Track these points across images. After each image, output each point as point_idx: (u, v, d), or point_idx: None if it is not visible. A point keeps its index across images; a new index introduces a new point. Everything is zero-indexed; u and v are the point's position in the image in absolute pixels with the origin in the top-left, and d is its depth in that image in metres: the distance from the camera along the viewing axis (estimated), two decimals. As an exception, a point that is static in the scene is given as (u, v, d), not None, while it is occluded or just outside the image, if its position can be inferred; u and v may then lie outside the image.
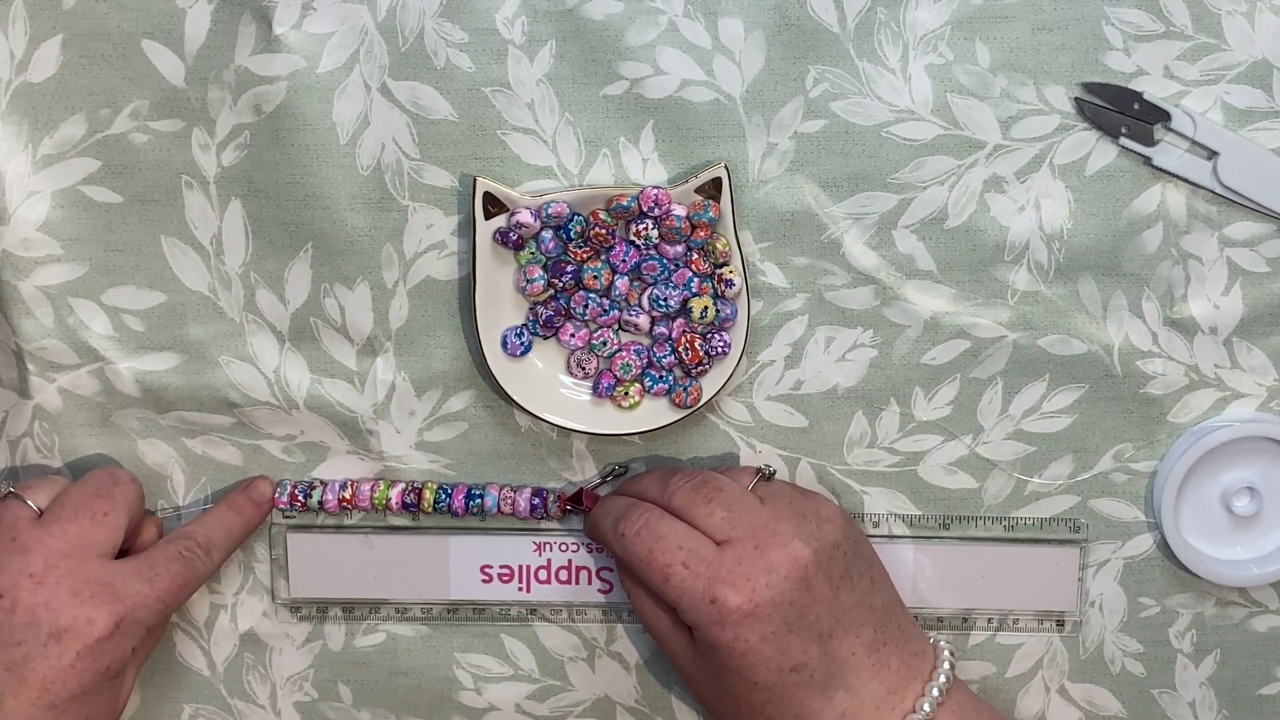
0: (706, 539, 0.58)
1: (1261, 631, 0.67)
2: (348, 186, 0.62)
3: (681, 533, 0.58)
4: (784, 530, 0.58)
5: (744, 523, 0.58)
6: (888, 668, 0.58)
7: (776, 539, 0.58)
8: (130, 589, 0.58)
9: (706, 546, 0.58)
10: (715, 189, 0.61)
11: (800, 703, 0.57)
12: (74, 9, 0.61)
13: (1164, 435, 0.65)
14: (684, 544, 0.58)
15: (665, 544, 0.58)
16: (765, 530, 0.58)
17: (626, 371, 0.63)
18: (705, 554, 0.57)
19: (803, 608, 0.57)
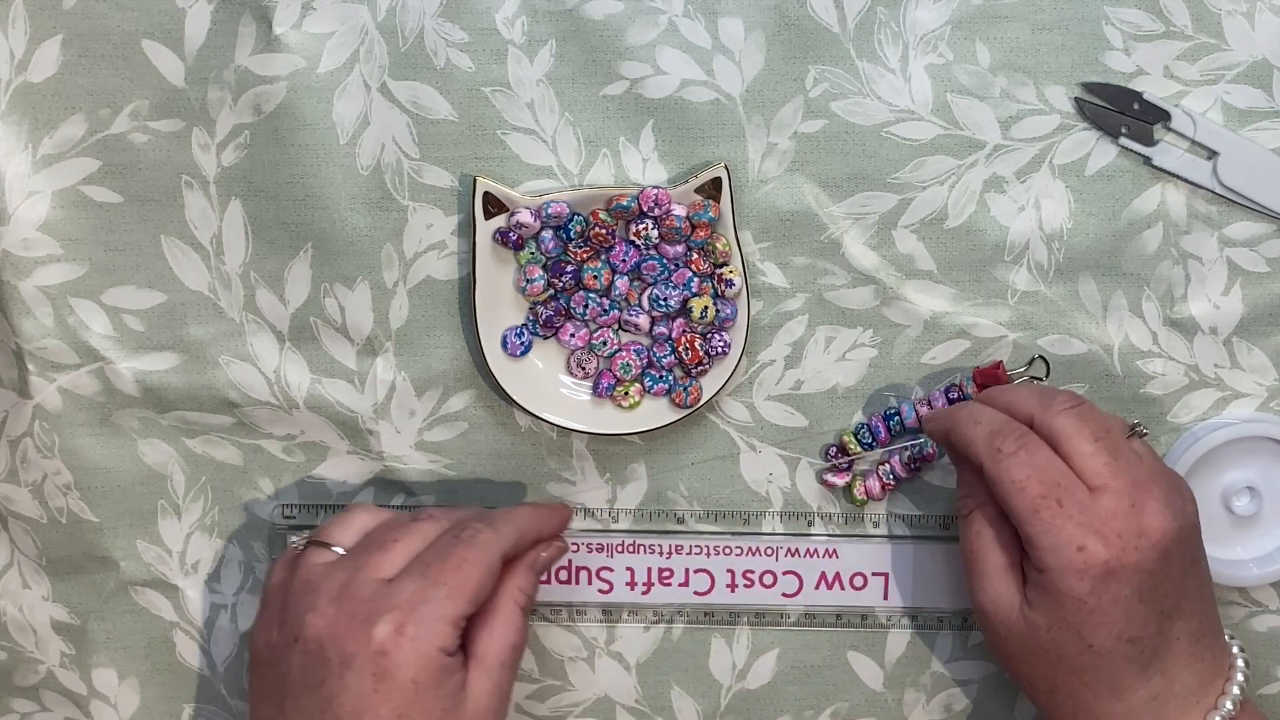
0: (1080, 481, 0.55)
1: (1261, 631, 0.67)
2: (348, 186, 0.62)
3: (1060, 468, 0.55)
4: (1158, 496, 0.55)
5: (1125, 475, 0.55)
6: (1202, 660, 0.57)
7: (1153, 503, 0.55)
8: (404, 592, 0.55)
9: (1081, 490, 0.55)
10: (715, 189, 0.61)
11: (1121, 676, 0.55)
12: (74, 9, 0.61)
13: (1164, 435, 0.65)
14: (1061, 480, 0.55)
15: (1044, 475, 0.55)
16: (1143, 490, 0.55)
17: (626, 371, 0.63)
18: (1081, 498, 0.55)
19: (1158, 581, 0.55)
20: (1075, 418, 0.56)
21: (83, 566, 0.66)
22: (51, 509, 0.66)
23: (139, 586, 0.67)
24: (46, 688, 0.68)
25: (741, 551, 0.66)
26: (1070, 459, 0.55)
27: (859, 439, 0.64)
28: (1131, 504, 0.55)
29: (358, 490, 0.66)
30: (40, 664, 0.68)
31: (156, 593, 0.67)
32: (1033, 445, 0.56)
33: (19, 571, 0.67)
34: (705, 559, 0.66)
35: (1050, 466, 0.55)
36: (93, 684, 0.68)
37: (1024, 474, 0.55)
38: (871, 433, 0.64)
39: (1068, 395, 0.57)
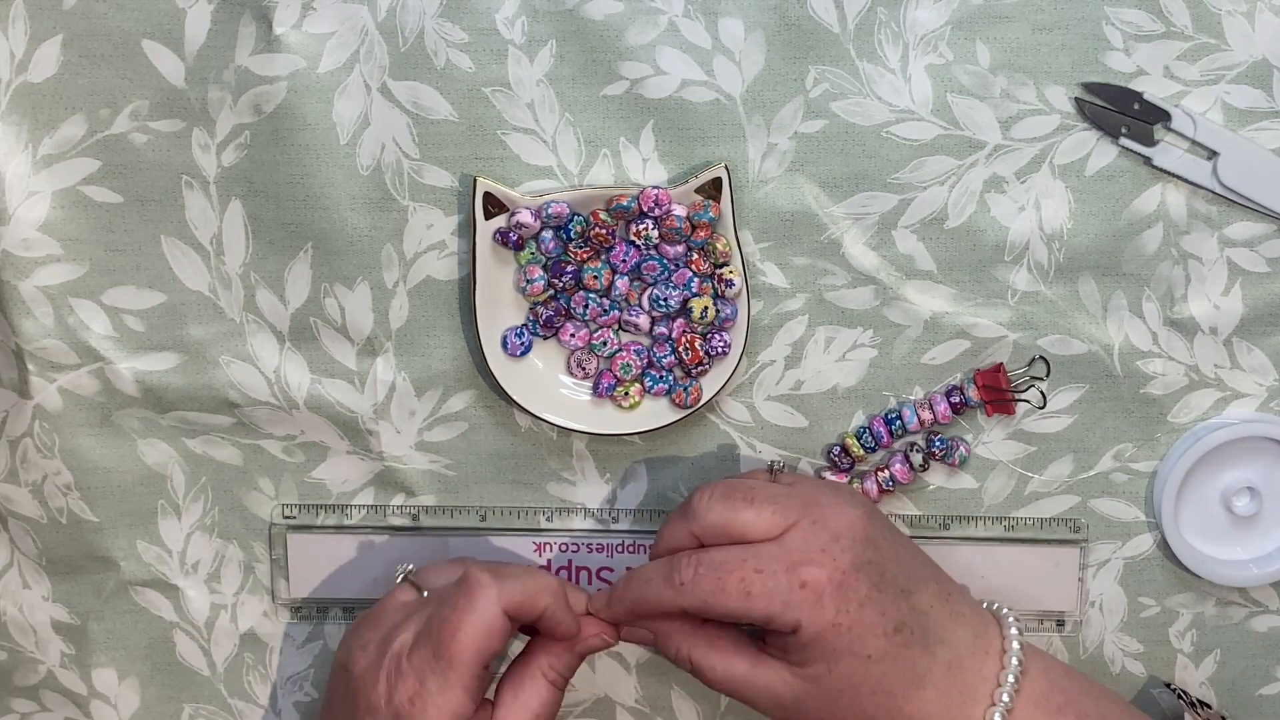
0: (764, 543, 0.56)
1: (1261, 631, 0.67)
2: (348, 186, 0.62)
3: (738, 551, 0.56)
4: (830, 499, 0.57)
5: (792, 507, 0.57)
6: (963, 615, 0.58)
7: (830, 507, 0.57)
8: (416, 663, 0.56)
9: (767, 547, 0.56)
10: (715, 189, 0.61)
11: (912, 664, 0.56)
12: (74, 9, 0.61)
13: (1164, 435, 0.65)
14: (745, 555, 0.56)
15: (728, 565, 0.56)
16: (813, 505, 0.57)
17: (626, 371, 0.63)
18: (771, 552, 0.56)
19: (880, 565, 0.56)
20: (720, 500, 0.57)
21: (83, 566, 0.66)
22: (51, 509, 0.66)
23: (139, 586, 0.67)
24: (46, 688, 0.68)
25: (741, 551, 0.66)
26: (745, 535, 0.57)
27: (861, 442, 0.64)
28: (814, 521, 0.56)
29: (358, 490, 0.66)
30: (40, 664, 0.68)
31: (156, 593, 0.67)
32: (702, 555, 0.57)
33: (19, 571, 0.67)
34: (705, 559, 0.66)
35: (729, 556, 0.56)
36: (93, 684, 0.68)
37: (714, 580, 0.56)
38: (873, 436, 0.64)
39: (702, 492, 0.58)
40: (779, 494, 0.57)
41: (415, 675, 0.56)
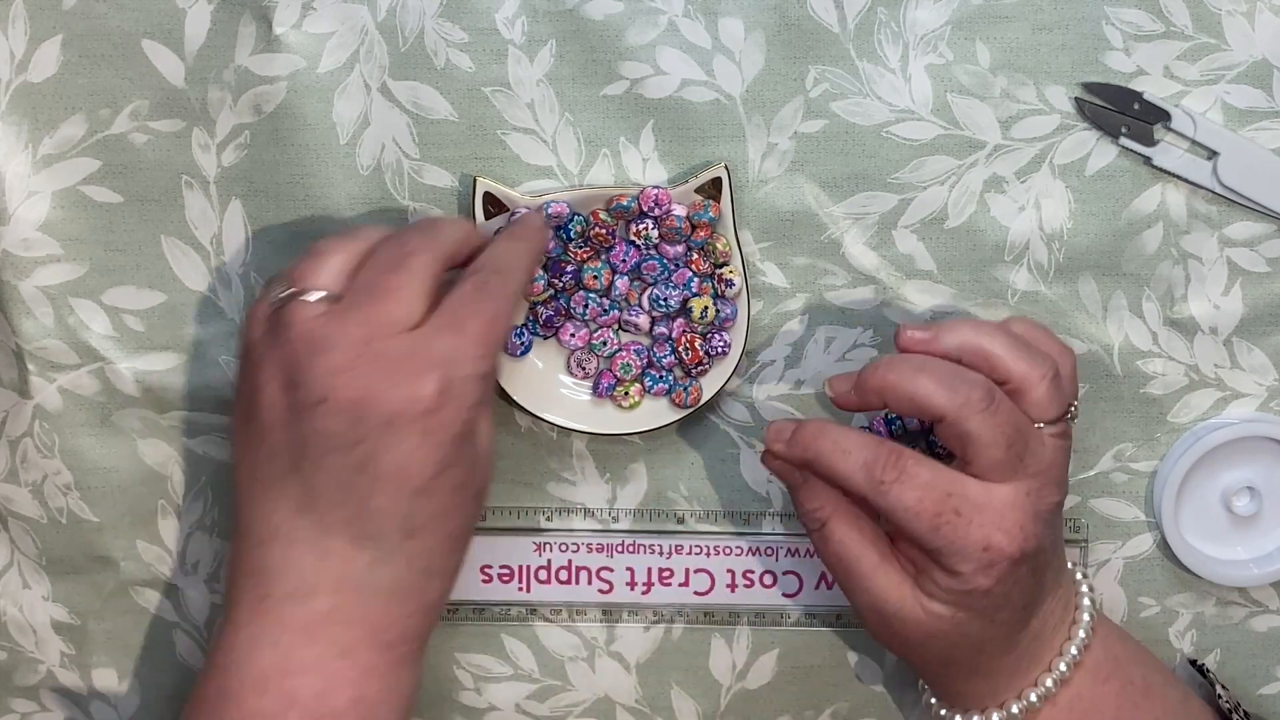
0: (971, 479, 0.54)
1: (1261, 631, 0.67)
2: (348, 186, 0.62)
3: (947, 478, 0.54)
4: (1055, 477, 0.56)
5: (1028, 471, 0.55)
6: (1059, 588, 0.59)
7: (1050, 487, 0.55)
8: (441, 347, 0.52)
9: (975, 488, 0.54)
10: (715, 189, 0.61)
11: (1016, 631, 0.57)
12: (74, 9, 0.61)
13: (1164, 435, 0.65)
14: (953, 490, 0.54)
15: (934, 491, 0.54)
16: (1043, 477, 0.55)
17: (626, 371, 0.63)
18: (976, 498, 0.54)
19: (1043, 552, 0.56)
20: (990, 424, 0.54)
21: (83, 566, 0.66)
22: (51, 509, 0.66)
23: (139, 586, 0.67)
24: (46, 688, 0.68)
25: (741, 551, 0.66)
26: (974, 460, 0.54)
27: None
28: (1027, 493, 0.55)
29: (358, 490, 0.66)
30: (40, 664, 0.68)
31: (156, 593, 0.67)
32: (911, 465, 0.54)
33: (19, 571, 0.67)
34: (705, 559, 0.66)
35: (936, 480, 0.54)
36: (93, 684, 0.68)
37: (914, 498, 0.54)
38: None
39: (981, 391, 0.54)
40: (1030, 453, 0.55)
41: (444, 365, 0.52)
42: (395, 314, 0.52)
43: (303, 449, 0.52)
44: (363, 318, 0.52)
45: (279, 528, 0.53)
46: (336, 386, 0.51)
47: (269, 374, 0.53)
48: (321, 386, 0.51)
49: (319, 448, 0.52)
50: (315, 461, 0.52)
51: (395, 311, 0.52)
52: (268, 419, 0.53)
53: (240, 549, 0.54)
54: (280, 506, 0.53)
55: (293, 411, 0.52)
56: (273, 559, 0.53)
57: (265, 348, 0.53)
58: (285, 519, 0.53)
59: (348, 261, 0.54)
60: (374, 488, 0.52)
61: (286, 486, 0.53)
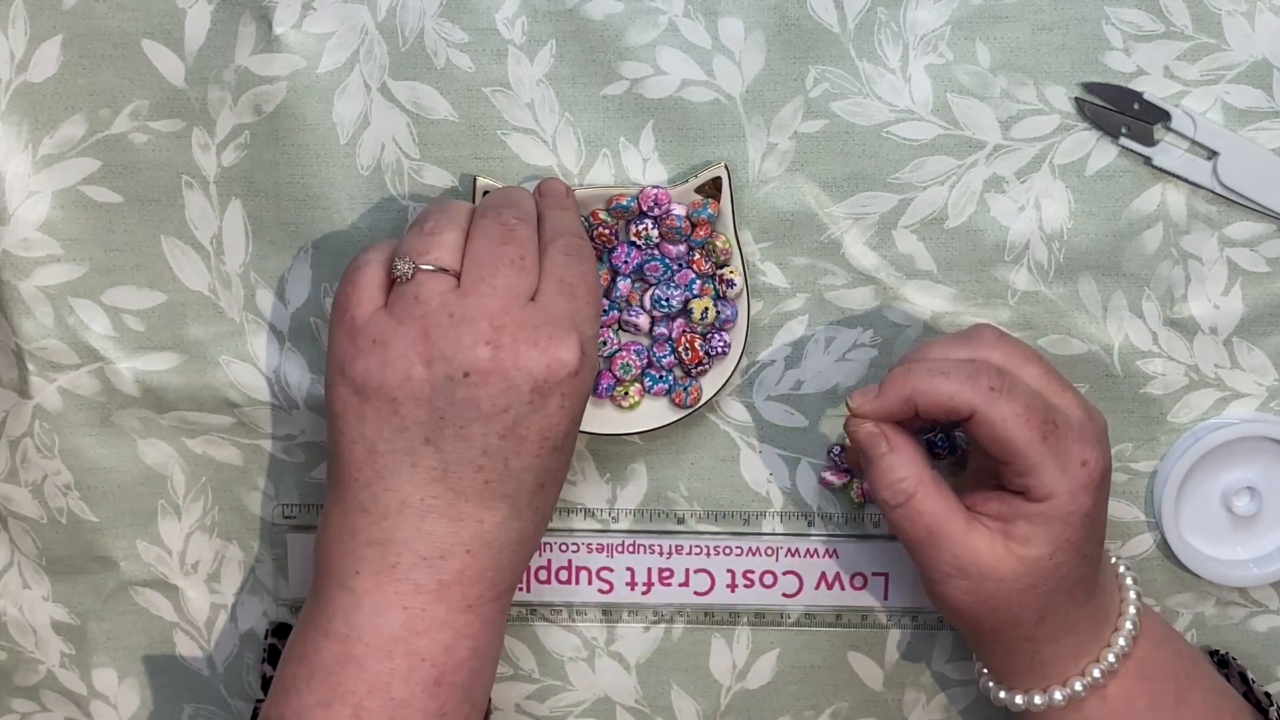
0: (1052, 402, 0.56)
1: (1261, 631, 0.67)
2: (348, 186, 0.62)
3: (1041, 388, 0.56)
4: (1081, 397, 0.58)
5: (1066, 385, 0.58)
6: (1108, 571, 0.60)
7: (1090, 405, 0.58)
8: (564, 312, 0.55)
9: (1061, 398, 0.57)
10: (715, 189, 0.61)
11: (1094, 573, 0.58)
12: (74, 9, 0.61)
13: (1164, 435, 0.65)
14: (1048, 403, 0.56)
15: (1035, 401, 0.55)
16: (1083, 398, 0.58)
17: (626, 371, 0.63)
18: (1073, 416, 0.56)
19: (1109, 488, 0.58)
20: (1006, 345, 0.57)
21: (83, 566, 0.67)
22: (51, 509, 0.66)
23: (139, 586, 0.67)
24: (46, 688, 0.68)
25: (741, 551, 0.66)
26: (1047, 388, 0.57)
27: None
28: (1091, 418, 0.57)
29: (358, 490, 0.66)
30: (40, 664, 0.68)
31: (156, 593, 0.67)
32: (1012, 378, 0.56)
33: (19, 571, 0.67)
34: (705, 559, 0.66)
35: (1035, 394, 0.56)
36: (93, 684, 0.68)
37: (1022, 404, 0.55)
38: None
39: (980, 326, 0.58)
40: (1057, 371, 0.58)
41: (579, 329, 0.55)
42: (520, 285, 0.55)
43: (442, 420, 0.54)
44: (492, 290, 0.54)
45: (409, 499, 0.54)
46: (483, 358, 0.53)
47: (403, 349, 0.54)
48: (468, 358, 0.53)
49: (463, 417, 0.53)
50: (457, 431, 0.54)
51: (520, 283, 0.55)
52: (403, 393, 0.54)
53: (359, 523, 0.55)
54: (412, 478, 0.54)
55: (434, 386, 0.53)
56: (403, 530, 0.54)
57: (397, 323, 0.54)
58: (416, 489, 0.54)
59: (459, 238, 0.56)
60: (518, 450, 0.54)
61: (419, 457, 0.54)
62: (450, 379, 0.53)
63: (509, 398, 0.53)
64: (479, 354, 0.53)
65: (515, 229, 0.56)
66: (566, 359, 0.54)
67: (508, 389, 0.53)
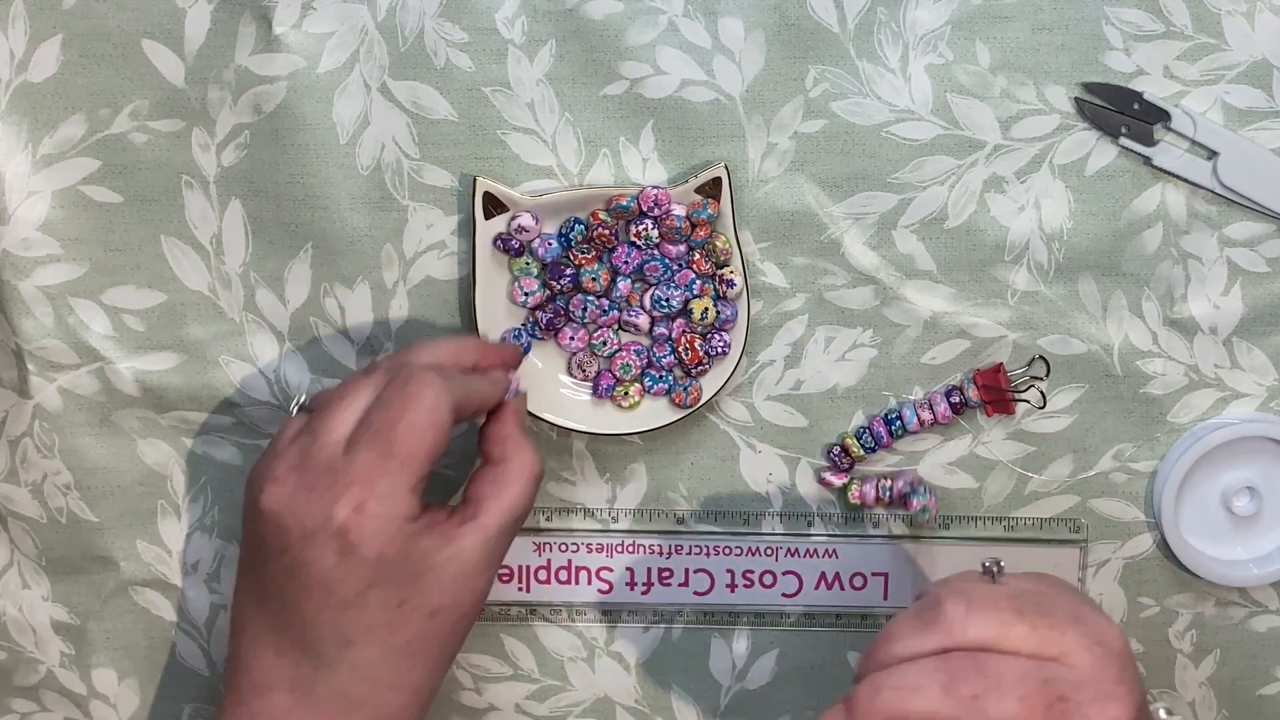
0: (1046, 661, 0.48)
1: (1261, 631, 0.67)
2: (348, 186, 0.62)
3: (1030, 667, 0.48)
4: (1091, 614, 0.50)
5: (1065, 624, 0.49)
6: None
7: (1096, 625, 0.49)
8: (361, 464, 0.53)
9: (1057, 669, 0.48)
10: (715, 189, 0.61)
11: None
12: (74, 9, 0.61)
13: (1164, 435, 0.65)
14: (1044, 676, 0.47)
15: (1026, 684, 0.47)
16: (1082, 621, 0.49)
17: (626, 372, 0.63)
18: (1070, 677, 0.48)
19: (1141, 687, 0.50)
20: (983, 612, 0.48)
21: (83, 566, 0.66)
22: (51, 509, 0.66)
23: (139, 586, 0.67)
24: (46, 688, 0.68)
25: (741, 551, 0.66)
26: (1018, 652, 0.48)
27: (860, 442, 0.64)
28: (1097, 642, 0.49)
29: (358, 490, 0.66)
30: (40, 664, 0.68)
31: (156, 593, 0.67)
32: (992, 666, 0.47)
33: (19, 571, 0.67)
34: (705, 559, 0.66)
35: (1022, 672, 0.47)
36: (93, 684, 0.68)
37: (1016, 699, 0.47)
38: (873, 436, 0.64)
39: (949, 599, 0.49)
40: (1046, 607, 0.49)
41: (362, 482, 0.53)
42: (331, 431, 0.55)
43: (250, 551, 0.56)
44: (307, 430, 0.55)
45: (245, 621, 0.57)
46: (269, 496, 0.54)
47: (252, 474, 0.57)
48: (261, 494, 0.55)
49: (260, 551, 0.55)
50: (260, 564, 0.56)
51: (332, 428, 0.55)
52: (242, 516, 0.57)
53: (229, 634, 0.58)
54: (246, 601, 0.57)
55: (245, 514, 0.57)
56: (242, 649, 0.57)
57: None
58: (249, 614, 0.57)
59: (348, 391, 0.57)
60: (301, 596, 0.54)
61: (248, 582, 0.57)
62: (253, 511, 0.55)
63: (284, 540, 0.54)
64: (268, 490, 0.55)
65: (366, 376, 0.56)
66: (333, 514, 0.53)
67: (282, 531, 0.54)
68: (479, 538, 0.55)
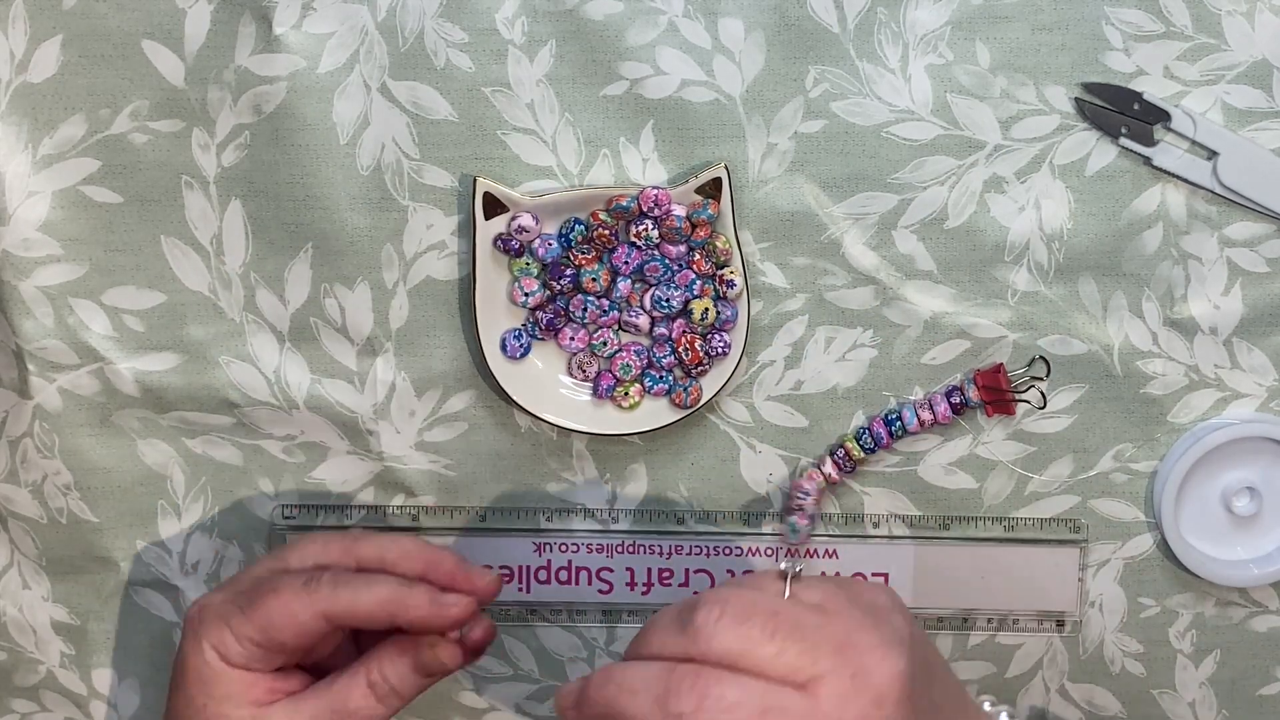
0: (786, 687, 0.46)
1: (1261, 631, 0.67)
2: (348, 186, 0.62)
3: (756, 693, 0.45)
4: (866, 641, 0.47)
5: (823, 648, 0.46)
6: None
7: (867, 655, 0.46)
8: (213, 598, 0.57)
9: (792, 698, 0.45)
10: (715, 189, 0.61)
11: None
12: (74, 9, 0.61)
13: (1164, 435, 0.65)
14: (767, 706, 0.45)
15: (741, 711, 0.45)
16: (849, 648, 0.46)
17: (626, 372, 0.63)
18: (796, 708, 0.45)
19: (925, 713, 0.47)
20: (733, 624, 0.46)
21: (83, 566, 0.67)
22: (51, 509, 0.66)
23: (139, 586, 0.67)
24: (46, 688, 0.68)
25: (741, 552, 0.66)
26: (762, 673, 0.46)
27: (860, 443, 0.64)
28: (853, 674, 0.46)
29: (358, 490, 0.66)
30: (40, 664, 0.68)
31: (156, 593, 0.67)
32: (713, 686, 0.46)
33: (19, 571, 0.67)
34: (705, 559, 0.66)
35: (747, 699, 0.45)
36: (93, 684, 0.68)
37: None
38: (873, 437, 0.64)
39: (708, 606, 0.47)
40: (808, 627, 0.47)
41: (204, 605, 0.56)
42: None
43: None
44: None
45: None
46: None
47: None
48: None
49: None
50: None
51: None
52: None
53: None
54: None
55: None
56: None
57: None
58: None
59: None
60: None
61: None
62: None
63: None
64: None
65: (306, 546, 0.58)
66: (186, 622, 0.56)
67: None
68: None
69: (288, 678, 0.56)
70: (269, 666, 0.56)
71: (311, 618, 0.54)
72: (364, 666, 0.56)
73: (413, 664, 0.55)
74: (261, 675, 0.56)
